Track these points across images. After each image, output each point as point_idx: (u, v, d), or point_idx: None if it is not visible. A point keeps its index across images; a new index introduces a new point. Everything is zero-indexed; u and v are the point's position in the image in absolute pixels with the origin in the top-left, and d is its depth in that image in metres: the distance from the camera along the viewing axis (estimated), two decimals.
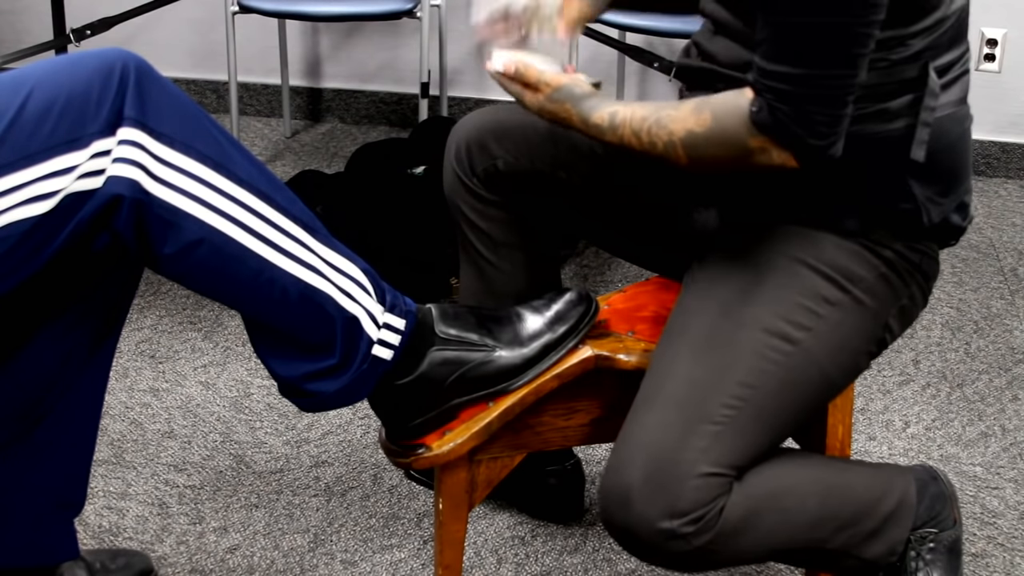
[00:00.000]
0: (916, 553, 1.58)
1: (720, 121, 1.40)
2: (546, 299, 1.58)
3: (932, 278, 1.56)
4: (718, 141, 1.41)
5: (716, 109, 1.41)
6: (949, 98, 1.47)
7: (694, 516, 1.41)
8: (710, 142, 1.42)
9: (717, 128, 1.41)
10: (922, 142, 1.44)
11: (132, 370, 2.45)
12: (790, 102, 1.35)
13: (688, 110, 1.43)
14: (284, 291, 1.42)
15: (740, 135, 1.39)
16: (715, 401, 1.44)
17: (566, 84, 1.52)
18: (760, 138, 1.38)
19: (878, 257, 1.50)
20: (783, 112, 1.36)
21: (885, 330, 1.53)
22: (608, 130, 1.49)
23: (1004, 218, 3.27)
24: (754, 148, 1.39)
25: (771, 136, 1.38)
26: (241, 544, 1.99)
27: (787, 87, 1.35)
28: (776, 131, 1.37)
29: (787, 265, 1.49)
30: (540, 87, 1.53)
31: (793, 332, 1.47)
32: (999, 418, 2.37)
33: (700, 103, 1.43)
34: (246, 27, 3.41)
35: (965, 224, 1.55)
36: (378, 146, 2.90)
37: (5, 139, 1.29)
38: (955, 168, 1.50)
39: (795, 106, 1.35)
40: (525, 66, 1.54)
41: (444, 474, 1.58)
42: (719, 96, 1.42)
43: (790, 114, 1.36)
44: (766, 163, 1.40)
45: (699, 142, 1.42)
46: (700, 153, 1.43)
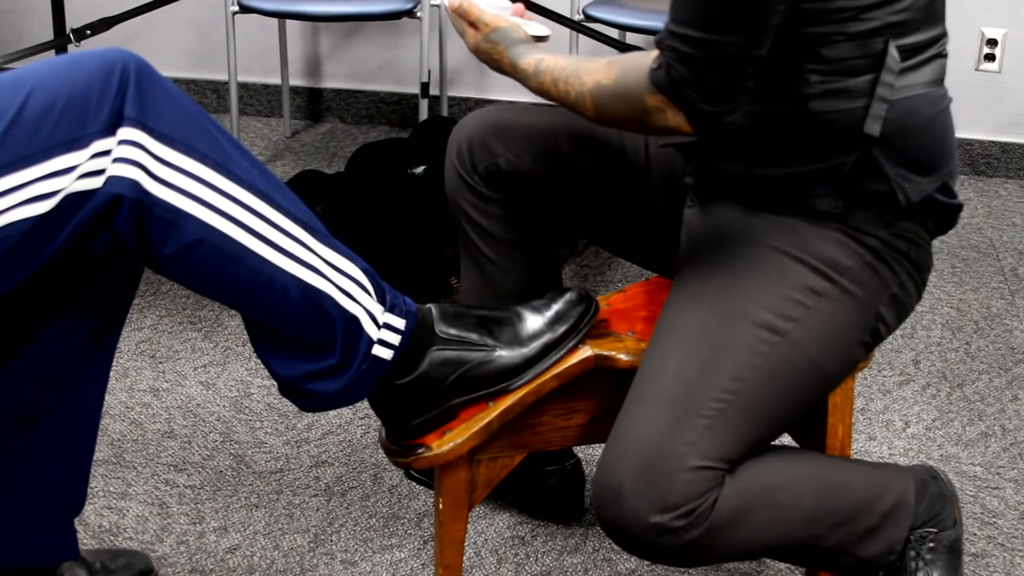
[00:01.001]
0: (916, 553, 1.58)
1: (624, 76, 1.44)
2: (546, 299, 1.58)
3: (924, 269, 1.56)
4: (621, 95, 1.44)
5: (624, 64, 1.45)
6: (919, 79, 1.47)
7: (685, 510, 1.41)
8: (614, 96, 1.45)
9: (621, 82, 1.44)
10: (877, 117, 1.45)
11: (132, 370, 2.45)
12: (688, 64, 1.38)
13: (602, 64, 1.47)
14: (284, 291, 1.42)
15: (639, 92, 1.42)
16: (704, 395, 1.44)
17: (503, 27, 1.57)
18: (657, 96, 1.41)
19: (863, 246, 1.50)
20: (679, 72, 1.38)
21: (878, 320, 1.53)
22: (532, 75, 1.53)
23: (1004, 218, 3.27)
24: (651, 107, 1.42)
25: (666, 96, 1.40)
26: (241, 544, 1.99)
27: (687, 49, 1.37)
28: (670, 91, 1.40)
29: (772, 257, 1.49)
30: (479, 26, 1.58)
31: (781, 324, 1.47)
32: (999, 418, 2.37)
33: (616, 59, 1.47)
34: (246, 27, 3.41)
35: (951, 203, 1.54)
36: (378, 146, 2.90)
37: (5, 139, 1.29)
38: (931, 148, 1.50)
39: (692, 69, 1.38)
40: (469, 4, 1.59)
41: (444, 474, 1.58)
42: (631, 54, 1.46)
43: (686, 76, 1.38)
44: (661, 124, 1.43)
45: (605, 95, 1.46)
46: (604, 106, 1.46)
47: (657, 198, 1.71)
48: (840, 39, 1.42)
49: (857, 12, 1.41)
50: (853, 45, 1.43)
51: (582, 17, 3.18)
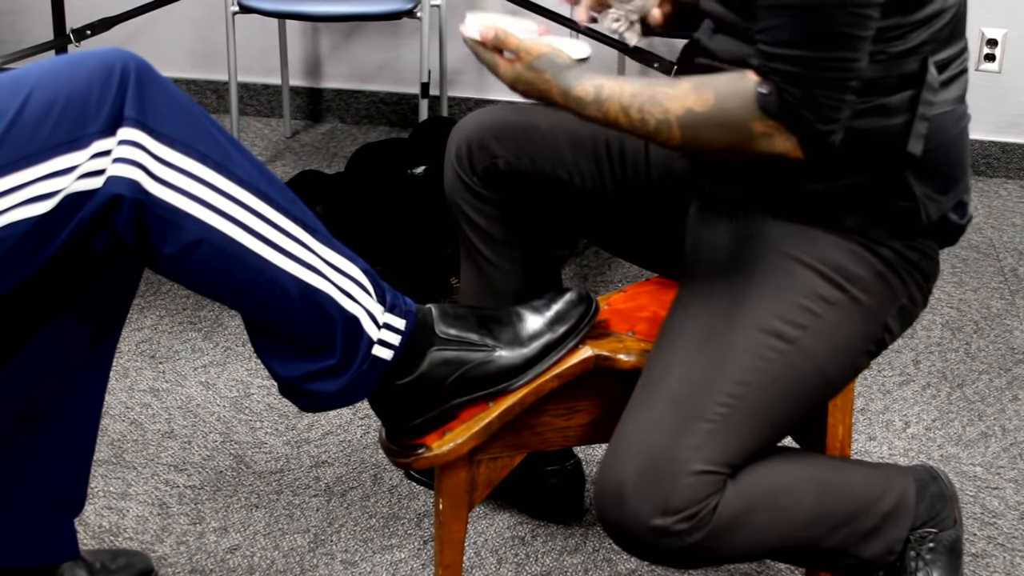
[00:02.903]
0: (916, 553, 1.58)
1: (724, 102, 1.38)
2: (546, 299, 1.58)
3: (932, 278, 1.56)
4: (719, 123, 1.39)
5: (720, 89, 1.39)
6: (948, 95, 1.47)
7: (687, 513, 1.41)
8: (710, 123, 1.39)
9: (720, 109, 1.39)
10: (920, 136, 1.44)
11: (132, 370, 2.45)
12: (800, 84, 1.35)
13: (687, 88, 1.40)
14: (284, 291, 1.42)
15: (744, 118, 1.38)
16: (710, 399, 1.44)
17: (547, 53, 1.46)
18: (766, 123, 1.37)
19: (876, 256, 1.50)
20: (792, 95, 1.35)
21: (884, 330, 1.53)
22: (592, 103, 1.44)
23: (1004, 218, 3.27)
24: (758, 133, 1.38)
25: (779, 120, 1.36)
26: (241, 544, 1.99)
27: (795, 69, 1.34)
28: (785, 115, 1.36)
29: (784, 264, 1.49)
30: (520, 55, 1.46)
31: (789, 331, 1.47)
32: (999, 418, 2.37)
33: (701, 82, 1.41)
34: (246, 27, 3.41)
35: (964, 223, 1.55)
36: (378, 146, 2.90)
37: (5, 139, 1.29)
38: (953, 166, 1.50)
39: (804, 89, 1.35)
40: (504, 33, 1.47)
41: (444, 474, 1.58)
42: (722, 76, 1.41)
43: (799, 97, 1.35)
44: (767, 150, 1.39)
45: (698, 122, 1.40)
46: (697, 134, 1.41)
47: (657, 198, 1.70)
48: (882, 58, 1.41)
49: (905, 30, 1.41)
50: (892, 63, 1.42)
51: None
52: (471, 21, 1.49)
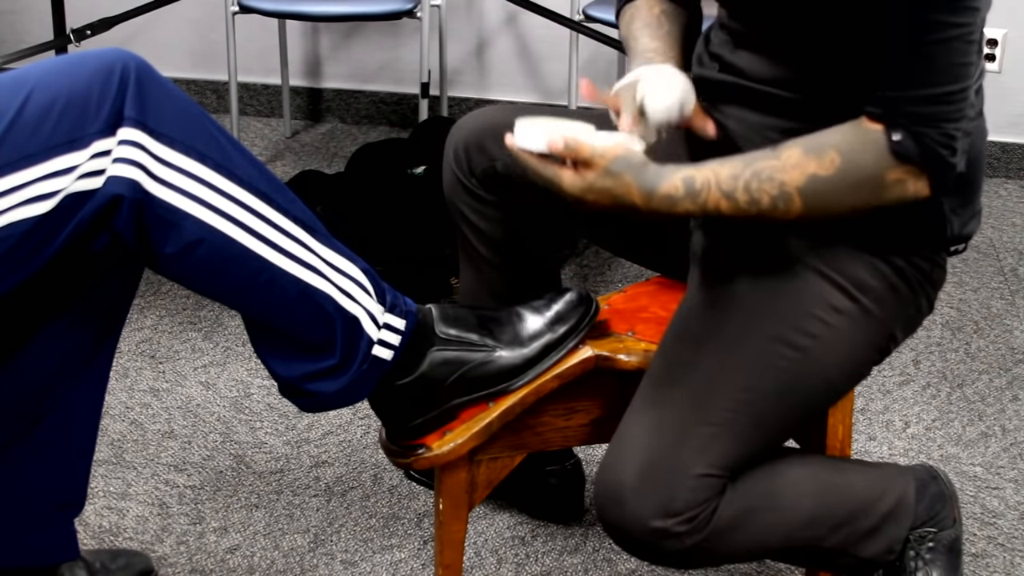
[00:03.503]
0: (915, 552, 1.58)
1: (852, 160, 1.34)
2: (546, 299, 1.58)
3: (939, 286, 1.56)
4: (851, 182, 1.34)
5: (843, 147, 1.34)
6: (976, 109, 1.46)
7: (687, 516, 1.41)
8: (840, 184, 1.34)
9: (849, 168, 1.34)
10: (963, 152, 1.42)
11: (132, 370, 2.45)
12: (932, 123, 1.32)
13: (800, 155, 1.35)
14: (284, 291, 1.42)
15: (877, 170, 1.34)
16: (715, 404, 1.44)
17: (622, 154, 1.36)
18: (900, 169, 1.34)
19: (890, 266, 1.48)
20: (930, 137, 1.32)
21: (889, 339, 1.53)
22: (685, 198, 1.36)
23: (1004, 218, 3.27)
24: (891, 182, 1.34)
25: (916, 164, 1.33)
26: (241, 544, 1.99)
27: (926, 109, 1.32)
28: (924, 157, 1.33)
29: (797, 271, 1.48)
30: (594, 162, 1.36)
31: (799, 339, 1.46)
32: (999, 418, 2.37)
33: (815, 144, 1.35)
34: (246, 27, 3.41)
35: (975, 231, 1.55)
36: (378, 146, 2.90)
37: (5, 139, 1.29)
38: (976, 180, 1.50)
39: (938, 127, 1.32)
40: (576, 141, 1.35)
41: (444, 474, 1.58)
42: (836, 133, 1.36)
43: (936, 137, 1.32)
44: (898, 197, 1.36)
45: (825, 187, 1.34)
46: (824, 199, 1.35)
47: None
48: None
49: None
50: None
51: (582, 17, 3.18)
52: (527, 131, 1.37)
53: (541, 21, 3.33)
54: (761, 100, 1.49)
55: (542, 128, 1.37)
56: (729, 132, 1.53)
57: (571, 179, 1.38)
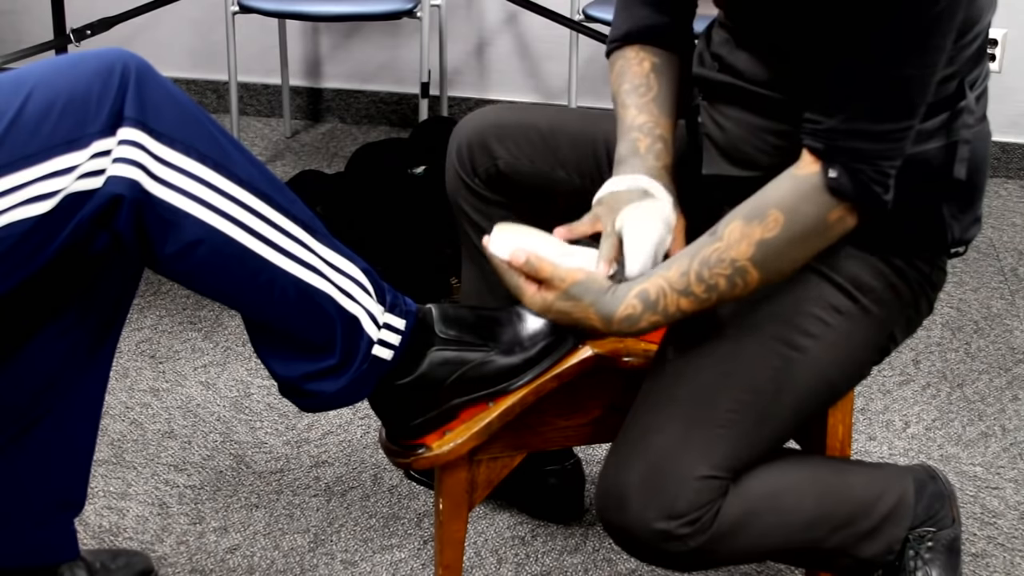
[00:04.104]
0: (915, 552, 1.58)
1: (794, 212, 1.33)
2: None
3: (938, 288, 1.56)
4: (798, 234, 1.33)
5: (784, 203, 1.33)
6: (977, 114, 1.46)
7: (690, 518, 1.41)
8: (789, 240, 1.34)
9: (794, 221, 1.33)
10: (963, 160, 1.41)
11: (132, 370, 2.45)
12: (868, 160, 1.31)
13: (742, 227, 1.34)
14: (284, 291, 1.42)
15: (819, 214, 1.33)
16: (717, 405, 1.44)
17: (582, 280, 1.37)
18: (839, 207, 1.33)
19: (890, 267, 1.48)
20: (865, 174, 1.31)
21: (889, 340, 1.53)
22: (644, 314, 1.36)
23: (1004, 218, 3.27)
24: (832, 221, 1.34)
25: (851, 200, 1.33)
26: (241, 544, 1.99)
27: (867, 145, 1.31)
28: (858, 194, 1.32)
29: (798, 272, 1.48)
30: (553, 283, 1.37)
31: (800, 340, 1.46)
32: (999, 418, 2.37)
33: (753, 210, 1.34)
34: (246, 27, 3.42)
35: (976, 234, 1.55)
36: (378, 146, 2.90)
37: (5, 139, 1.29)
38: (978, 185, 1.50)
39: (872, 163, 1.31)
40: (538, 259, 1.37)
41: (444, 474, 1.58)
42: (772, 191, 1.35)
43: (870, 173, 1.32)
44: (839, 233, 1.35)
45: (775, 247, 1.34)
46: (778, 260, 1.35)
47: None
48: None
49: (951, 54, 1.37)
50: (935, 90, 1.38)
51: (582, 17, 3.18)
52: (500, 238, 1.40)
53: (541, 21, 3.33)
54: (758, 102, 1.49)
55: (513, 239, 1.39)
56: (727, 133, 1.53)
57: (532, 296, 1.40)
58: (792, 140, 1.47)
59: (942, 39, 1.30)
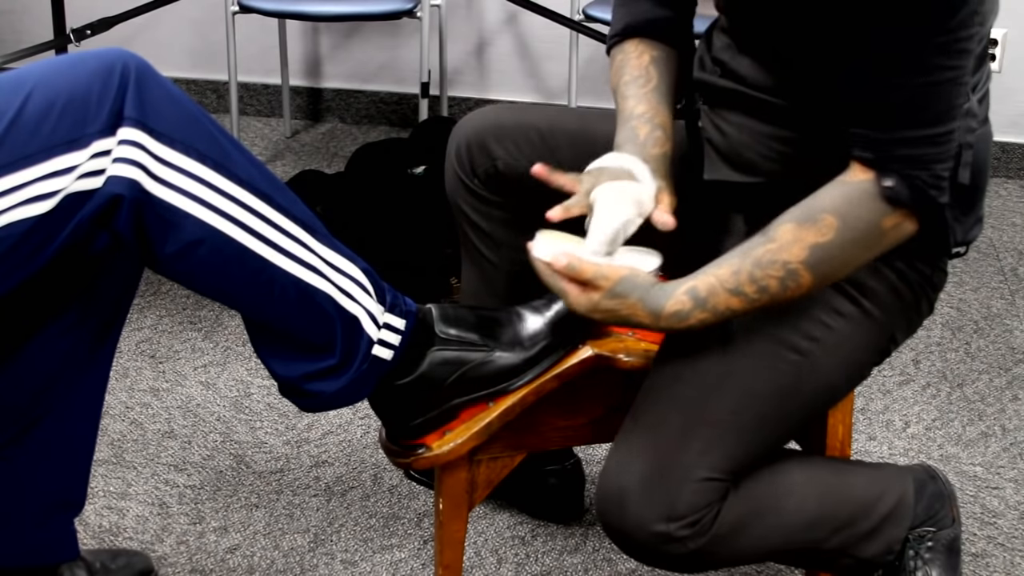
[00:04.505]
0: (915, 552, 1.58)
1: (848, 217, 1.33)
2: (546, 299, 1.58)
3: (940, 289, 1.56)
4: (852, 239, 1.34)
5: (838, 208, 1.33)
6: (980, 117, 1.46)
7: (690, 520, 1.41)
8: (843, 245, 1.34)
9: (847, 226, 1.33)
10: (967, 164, 1.42)
11: (132, 370, 2.45)
12: (923, 165, 1.32)
13: (793, 229, 1.34)
14: (284, 291, 1.42)
15: (873, 220, 1.33)
16: (718, 407, 1.44)
17: (627, 275, 1.36)
18: (895, 215, 1.33)
19: (892, 270, 1.48)
20: (920, 179, 1.32)
21: (890, 341, 1.53)
22: (693, 311, 1.36)
23: (1004, 218, 3.27)
24: (887, 228, 1.34)
25: (909, 207, 1.33)
26: (241, 544, 1.99)
27: (918, 151, 1.31)
28: (915, 200, 1.32)
29: None
30: (598, 283, 1.36)
31: (802, 343, 1.46)
32: (999, 418, 2.37)
33: (807, 213, 1.34)
34: (246, 27, 3.42)
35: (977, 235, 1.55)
36: (378, 146, 2.90)
37: (5, 139, 1.29)
38: (980, 188, 1.50)
39: (926, 168, 1.32)
40: (579, 261, 1.35)
41: (444, 474, 1.58)
42: (825, 197, 1.35)
43: (927, 179, 1.32)
44: (895, 240, 1.36)
45: (829, 252, 1.34)
46: (831, 264, 1.35)
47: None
48: None
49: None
50: None
51: (582, 17, 3.18)
52: (541, 243, 1.40)
53: (541, 21, 3.33)
54: (762, 108, 1.49)
55: (555, 243, 1.39)
56: (729, 138, 1.53)
57: (576, 297, 1.38)
58: (794, 146, 1.48)
59: (968, 41, 1.30)
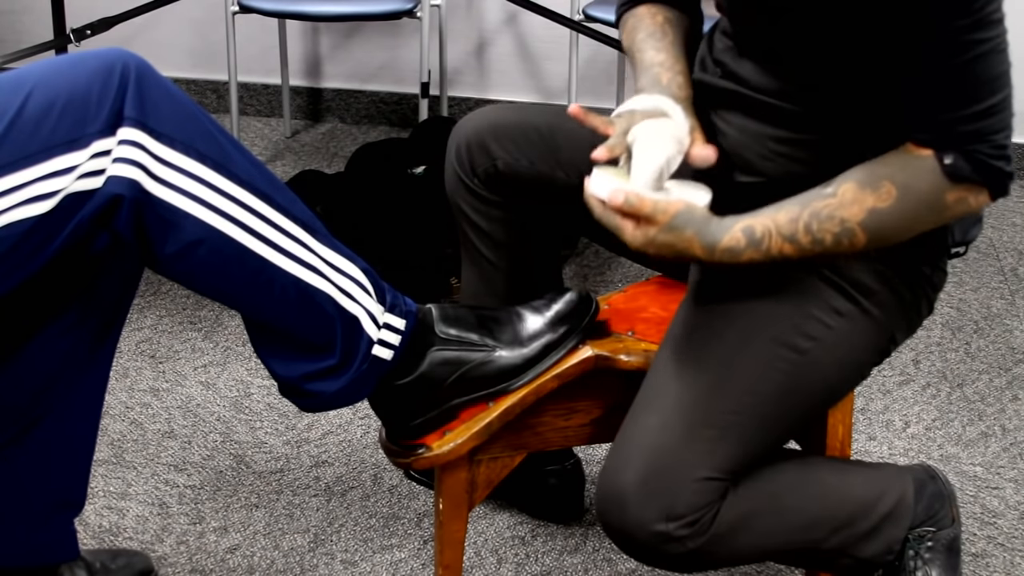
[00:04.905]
0: (915, 552, 1.58)
1: (908, 188, 1.35)
2: (546, 299, 1.58)
3: (939, 289, 1.56)
4: (911, 209, 1.35)
5: (897, 177, 1.35)
6: None
7: (689, 519, 1.41)
8: (901, 213, 1.35)
9: (907, 197, 1.35)
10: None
11: (132, 370, 2.45)
12: (983, 139, 1.33)
13: (855, 190, 1.35)
14: (284, 291, 1.42)
15: (934, 195, 1.35)
16: (718, 407, 1.44)
17: (683, 209, 1.36)
18: (957, 189, 1.35)
19: (891, 269, 1.49)
20: (982, 152, 1.33)
21: (890, 341, 1.53)
22: (747, 248, 1.36)
23: (1004, 218, 3.27)
24: (950, 203, 1.35)
25: (973, 182, 1.34)
26: (241, 544, 1.99)
27: (976, 126, 1.32)
28: (980, 174, 1.34)
29: (800, 274, 1.48)
30: (656, 218, 1.35)
31: (801, 342, 1.46)
32: (999, 418, 2.37)
33: (869, 177, 1.36)
34: (246, 27, 3.41)
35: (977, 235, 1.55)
36: (378, 146, 2.90)
37: (5, 139, 1.29)
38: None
39: (989, 141, 1.33)
40: (637, 198, 1.34)
41: (444, 474, 1.58)
42: (887, 164, 1.36)
43: (988, 151, 1.33)
44: (961, 213, 1.37)
45: (886, 218, 1.35)
46: (886, 229, 1.36)
47: None
48: None
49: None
50: None
51: (582, 17, 3.18)
52: (598, 179, 1.39)
53: (541, 21, 3.33)
54: (761, 110, 1.49)
55: (611, 180, 1.39)
56: (728, 139, 1.53)
57: (632, 232, 1.37)
58: (794, 147, 1.48)
59: (996, 11, 1.31)
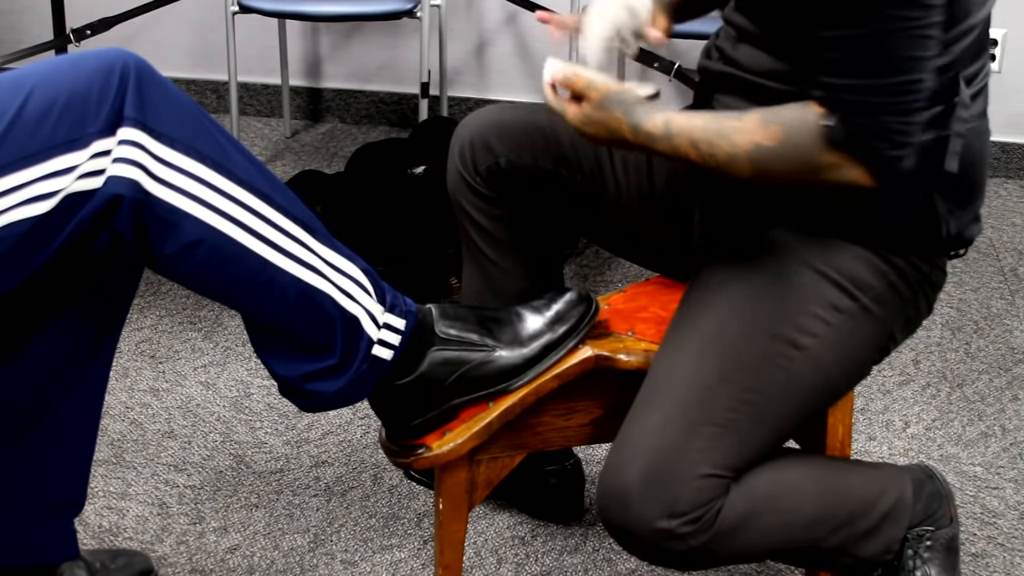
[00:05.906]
0: (913, 551, 1.58)
1: (791, 136, 1.36)
2: (546, 299, 1.58)
3: (939, 288, 1.56)
4: (788, 156, 1.37)
5: (787, 123, 1.37)
6: (974, 111, 1.46)
7: (692, 516, 1.41)
8: (779, 157, 1.37)
9: (788, 143, 1.36)
10: (955, 153, 1.42)
11: (132, 370, 2.45)
12: (866, 113, 1.33)
13: (755, 122, 1.38)
14: (284, 291, 1.42)
15: (811, 151, 1.36)
16: (719, 404, 1.44)
17: (615, 90, 1.44)
18: (834, 155, 1.35)
19: (889, 265, 1.49)
20: (860, 124, 1.33)
21: (889, 339, 1.53)
22: (661, 138, 1.42)
23: (1004, 218, 3.27)
24: (825, 165, 1.36)
25: (847, 151, 1.34)
26: (241, 544, 1.99)
27: (861, 98, 1.32)
28: (853, 145, 1.34)
29: (798, 271, 1.48)
30: (589, 94, 1.44)
31: (801, 339, 1.46)
32: (999, 418, 2.37)
33: (768, 115, 1.39)
34: (246, 27, 3.41)
35: (976, 235, 1.55)
36: (378, 146, 2.90)
37: (5, 139, 1.29)
38: (975, 182, 1.50)
39: (872, 117, 1.33)
40: (574, 72, 1.45)
41: (444, 474, 1.58)
42: (788, 109, 1.39)
43: (867, 126, 1.33)
44: (836, 180, 1.37)
45: (767, 157, 1.38)
46: (767, 168, 1.38)
47: (659, 197, 1.70)
48: None
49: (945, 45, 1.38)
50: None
51: None
52: (548, 66, 1.47)
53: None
54: (756, 91, 1.50)
55: (557, 63, 1.48)
56: None
57: (572, 111, 1.46)
58: None
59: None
